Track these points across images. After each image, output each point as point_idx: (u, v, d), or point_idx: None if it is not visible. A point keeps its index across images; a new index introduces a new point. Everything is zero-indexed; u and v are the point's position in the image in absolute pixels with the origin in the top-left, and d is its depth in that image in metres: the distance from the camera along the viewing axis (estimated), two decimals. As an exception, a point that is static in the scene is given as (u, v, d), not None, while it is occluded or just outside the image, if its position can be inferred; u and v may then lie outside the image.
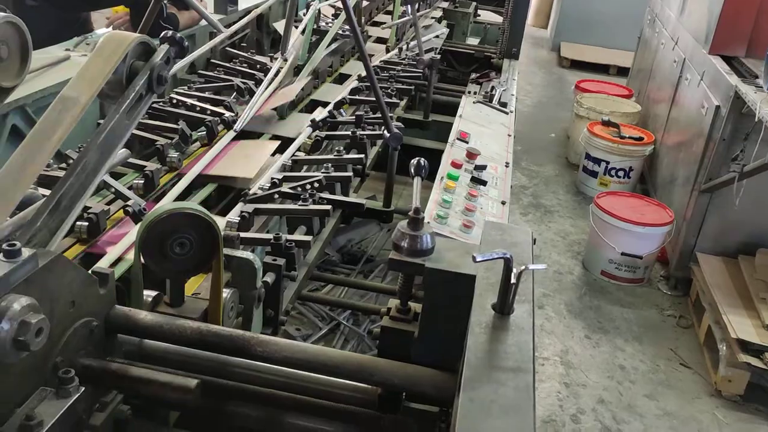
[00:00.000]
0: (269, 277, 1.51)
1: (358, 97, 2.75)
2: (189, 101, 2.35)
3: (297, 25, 2.99)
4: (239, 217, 1.69)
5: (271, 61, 2.90)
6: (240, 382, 1.20)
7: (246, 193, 1.82)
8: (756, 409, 3.24)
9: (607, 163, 5.08)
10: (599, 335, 3.66)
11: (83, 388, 0.97)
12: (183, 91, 2.50)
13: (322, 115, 2.44)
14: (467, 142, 2.89)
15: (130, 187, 1.78)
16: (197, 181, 1.92)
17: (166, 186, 1.88)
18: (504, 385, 0.89)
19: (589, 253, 4.32)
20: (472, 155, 2.76)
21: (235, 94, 2.56)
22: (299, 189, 1.88)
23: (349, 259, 3.89)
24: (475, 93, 3.66)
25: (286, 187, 1.89)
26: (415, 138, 3.31)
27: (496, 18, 5.89)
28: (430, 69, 3.19)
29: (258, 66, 2.89)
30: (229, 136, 2.20)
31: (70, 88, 1.17)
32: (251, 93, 2.53)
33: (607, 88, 6.44)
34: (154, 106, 2.26)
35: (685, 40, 4.92)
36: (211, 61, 2.91)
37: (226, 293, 1.32)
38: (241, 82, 2.63)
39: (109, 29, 3.19)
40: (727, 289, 3.58)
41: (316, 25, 3.20)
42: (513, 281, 1.00)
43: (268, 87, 2.51)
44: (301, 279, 1.78)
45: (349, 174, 2.09)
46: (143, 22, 2.05)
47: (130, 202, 1.67)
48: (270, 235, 1.62)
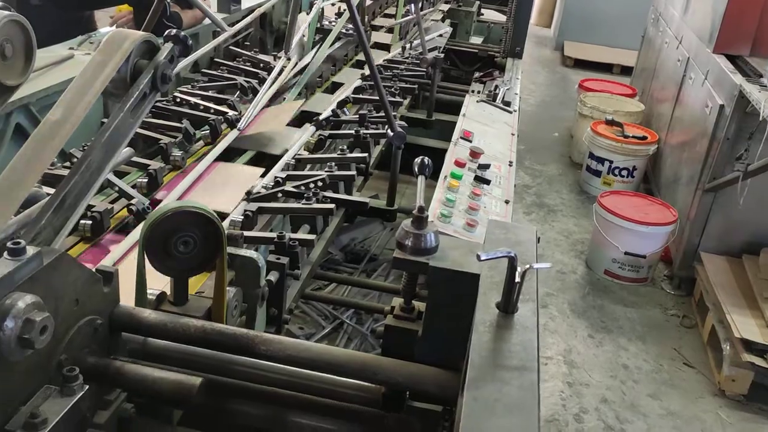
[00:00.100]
0: (273, 276, 1.52)
1: (361, 96, 2.75)
2: (193, 100, 2.36)
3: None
4: (243, 216, 1.70)
5: (274, 59, 2.90)
6: (243, 381, 1.20)
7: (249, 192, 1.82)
8: (760, 408, 3.23)
9: (611, 162, 5.07)
10: (602, 334, 3.66)
11: (87, 386, 0.97)
12: (186, 89, 2.50)
13: (326, 114, 2.45)
14: (471, 141, 2.89)
15: (133, 186, 1.79)
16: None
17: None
18: (508, 384, 0.88)
19: (593, 252, 4.31)
20: (475, 154, 2.75)
21: (238, 92, 2.56)
22: (303, 188, 1.89)
23: (352, 257, 3.89)
24: (478, 92, 3.65)
25: (289, 186, 1.90)
26: (419, 137, 3.30)
27: (500, 17, 5.89)
28: (433, 68, 3.18)
29: (261, 65, 2.89)
30: (232, 135, 2.20)
31: (74, 86, 1.17)
32: (255, 92, 2.54)
33: (610, 88, 6.43)
34: (158, 104, 2.27)
35: (689, 39, 4.90)
36: (215, 59, 2.92)
37: (229, 292, 1.32)
38: (244, 80, 2.64)
39: (113, 28, 3.20)
40: (731, 289, 3.57)
41: (319, 24, 3.20)
42: (517, 280, 1.00)
43: (271, 86, 2.51)
44: (305, 278, 1.78)
45: (353, 173, 2.09)
46: (147, 21, 2.06)
47: (133, 201, 1.68)
48: (273, 234, 1.63)
